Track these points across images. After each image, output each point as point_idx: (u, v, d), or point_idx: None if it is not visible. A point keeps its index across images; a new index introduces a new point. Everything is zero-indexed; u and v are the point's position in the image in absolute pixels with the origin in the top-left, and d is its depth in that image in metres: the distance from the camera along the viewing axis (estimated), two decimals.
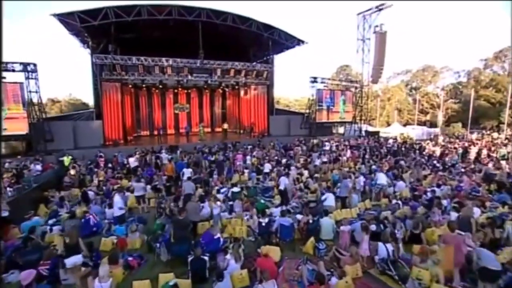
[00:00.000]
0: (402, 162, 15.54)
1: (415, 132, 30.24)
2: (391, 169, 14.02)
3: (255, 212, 8.57)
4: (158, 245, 6.46)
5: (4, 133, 16.36)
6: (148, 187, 10.74)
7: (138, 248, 7.33)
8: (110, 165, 16.13)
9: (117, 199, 8.07)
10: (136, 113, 25.77)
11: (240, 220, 8.25)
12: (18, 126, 16.78)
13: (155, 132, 26.53)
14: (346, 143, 21.66)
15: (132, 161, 15.17)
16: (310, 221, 7.08)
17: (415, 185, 11.09)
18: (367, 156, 17.35)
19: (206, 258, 5.64)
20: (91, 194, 10.83)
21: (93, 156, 17.04)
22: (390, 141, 22.41)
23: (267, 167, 13.51)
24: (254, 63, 22.65)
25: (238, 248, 6.00)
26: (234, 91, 28.41)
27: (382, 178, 10.47)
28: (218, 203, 8.54)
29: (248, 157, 15.08)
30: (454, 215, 7.23)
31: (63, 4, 65.40)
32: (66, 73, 77.72)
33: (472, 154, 17.23)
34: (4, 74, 16.13)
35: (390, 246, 5.98)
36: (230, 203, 9.61)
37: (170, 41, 20.25)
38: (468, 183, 10.73)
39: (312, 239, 6.78)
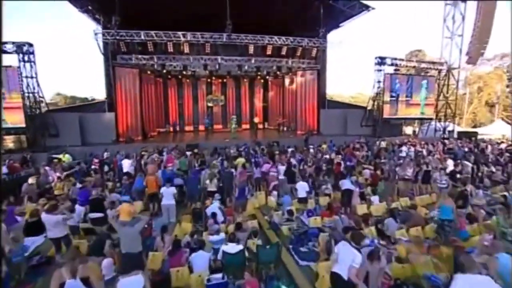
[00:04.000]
0: None
1: None
2: None
3: None
4: None
5: (4, 125, 13.60)
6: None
7: None
8: (107, 168, 12.16)
9: None
10: (164, 106, 22.06)
11: None
12: (18, 118, 13.87)
13: (188, 128, 22.82)
14: (431, 147, 14.65)
15: (127, 165, 10.89)
16: None
17: None
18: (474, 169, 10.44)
19: None
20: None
21: (91, 155, 13.32)
22: (502, 146, 14.66)
23: (301, 189, 7.85)
24: (299, 38, 16.78)
25: None
26: (276, 79, 22.93)
27: None
28: None
29: (282, 168, 9.48)
30: None
31: None
32: None
33: None
34: None
35: None
36: (218, 277, 4.32)
37: (190, 17, 15.39)
38: None
39: None
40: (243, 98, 23.98)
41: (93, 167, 11.86)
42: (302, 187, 7.89)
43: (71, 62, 69.25)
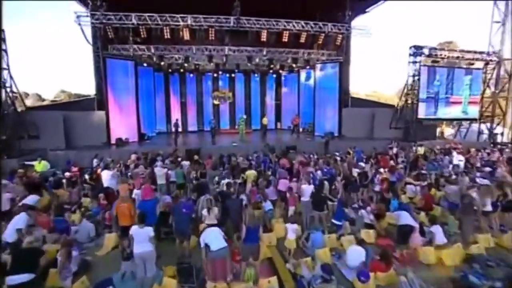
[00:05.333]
0: None
1: None
2: None
3: None
4: None
5: None
6: None
7: None
8: (87, 176, 10.08)
9: None
10: (165, 104, 19.99)
11: None
12: None
13: (191, 129, 20.74)
14: (485, 155, 12.12)
15: (107, 177, 8.80)
16: None
17: None
18: None
19: None
20: None
21: (69, 163, 11.35)
22: None
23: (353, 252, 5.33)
24: (321, 23, 14.37)
25: None
26: (291, 74, 20.59)
27: None
28: None
29: (307, 187, 7.14)
30: None
31: None
32: None
33: None
34: None
35: None
36: None
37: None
38: None
39: None
40: (254, 95, 21.72)
41: (67, 174, 9.86)
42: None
43: (77, 58, 68.41)
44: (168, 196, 6.88)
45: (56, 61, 64.56)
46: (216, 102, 21.02)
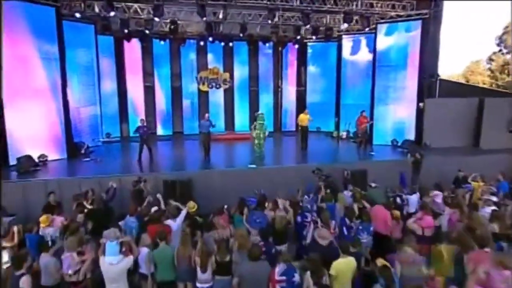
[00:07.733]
0: None
1: None
2: None
3: None
4: None
5: None
6: None
7: None
8: None
9: None
10: (117, 91, 15.05)
11: None
12: None
13: (163, 132, 16.10)
14: None
15: None
16: None
17: None
18: None
19: None
20: None
21: None
22: None
23: None
24: None
25: None
26: (328, 43, 15.93)
27: None
28: None
29: None
30: None
31: None
32: None
33: None
34: None
35: None
36: None
37: None
38: None
39: None
40: (262, 76, 17.21)
41: None
42: None
43: None
44: None
45: None
46: (203, 87, 16.30)
